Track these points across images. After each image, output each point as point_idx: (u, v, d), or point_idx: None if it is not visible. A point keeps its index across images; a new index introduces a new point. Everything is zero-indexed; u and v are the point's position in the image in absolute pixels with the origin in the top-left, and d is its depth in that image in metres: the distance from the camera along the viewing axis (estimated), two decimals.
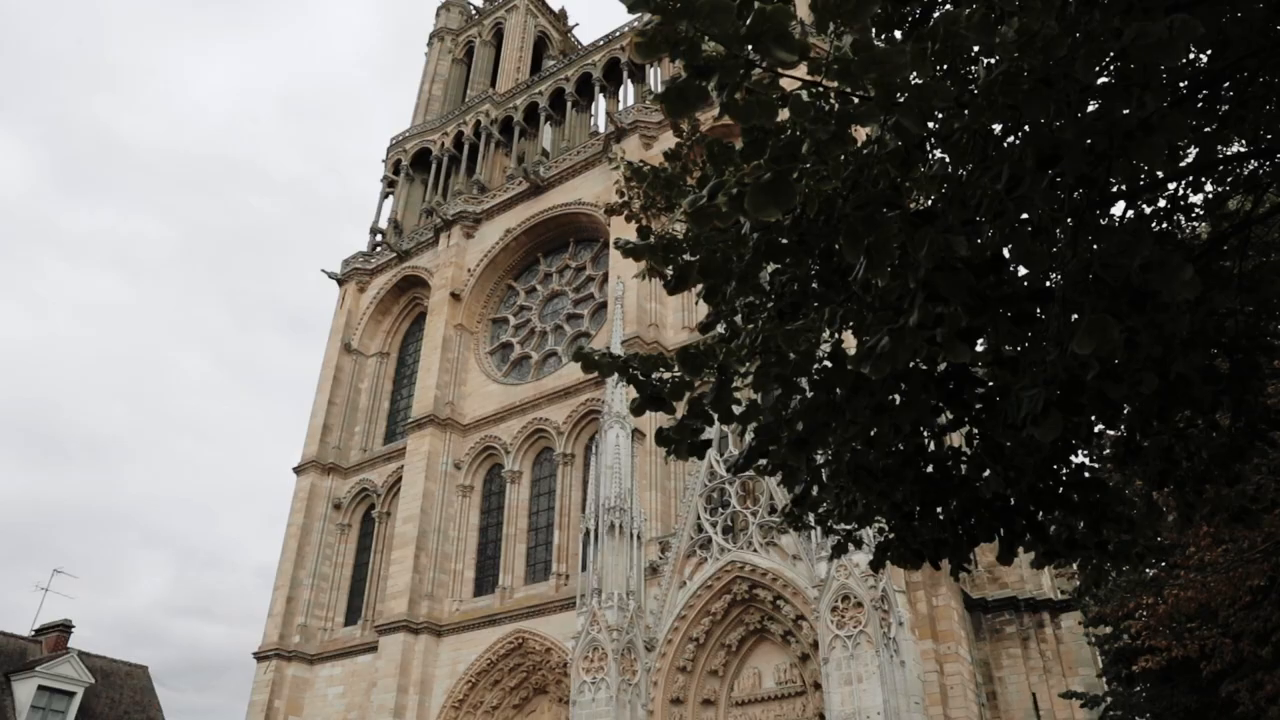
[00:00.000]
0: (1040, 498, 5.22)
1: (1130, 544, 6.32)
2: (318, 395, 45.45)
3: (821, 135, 2.91)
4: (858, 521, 4.96)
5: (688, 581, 27.79)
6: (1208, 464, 5.86)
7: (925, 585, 25.23)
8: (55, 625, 34.21)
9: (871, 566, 5.61)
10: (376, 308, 47.49)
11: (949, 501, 4.94)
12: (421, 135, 52.61)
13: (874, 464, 4.61)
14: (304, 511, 41.64)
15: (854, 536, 5.70)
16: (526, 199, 43.71)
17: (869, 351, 3.19)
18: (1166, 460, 5.65)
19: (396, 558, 36.74)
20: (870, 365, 3.16)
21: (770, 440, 4.25)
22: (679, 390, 4.23)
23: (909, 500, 4.67)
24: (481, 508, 38.40)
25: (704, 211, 3.21)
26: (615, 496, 28.78)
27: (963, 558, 5.07)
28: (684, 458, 4.66)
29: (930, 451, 4.86)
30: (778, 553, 26.56)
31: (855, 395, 3.87)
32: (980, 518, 4.99)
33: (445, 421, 39.26)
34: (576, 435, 36.34)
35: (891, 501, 4.59)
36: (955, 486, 4.93)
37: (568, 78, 48.34)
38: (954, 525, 4.86)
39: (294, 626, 39.25)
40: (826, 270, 4.28)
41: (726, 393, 4.09)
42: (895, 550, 5.11)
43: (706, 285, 4.31)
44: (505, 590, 34.95)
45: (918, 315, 3.03)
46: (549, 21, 59.63)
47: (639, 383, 4.25)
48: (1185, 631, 11.17)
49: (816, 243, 4.14)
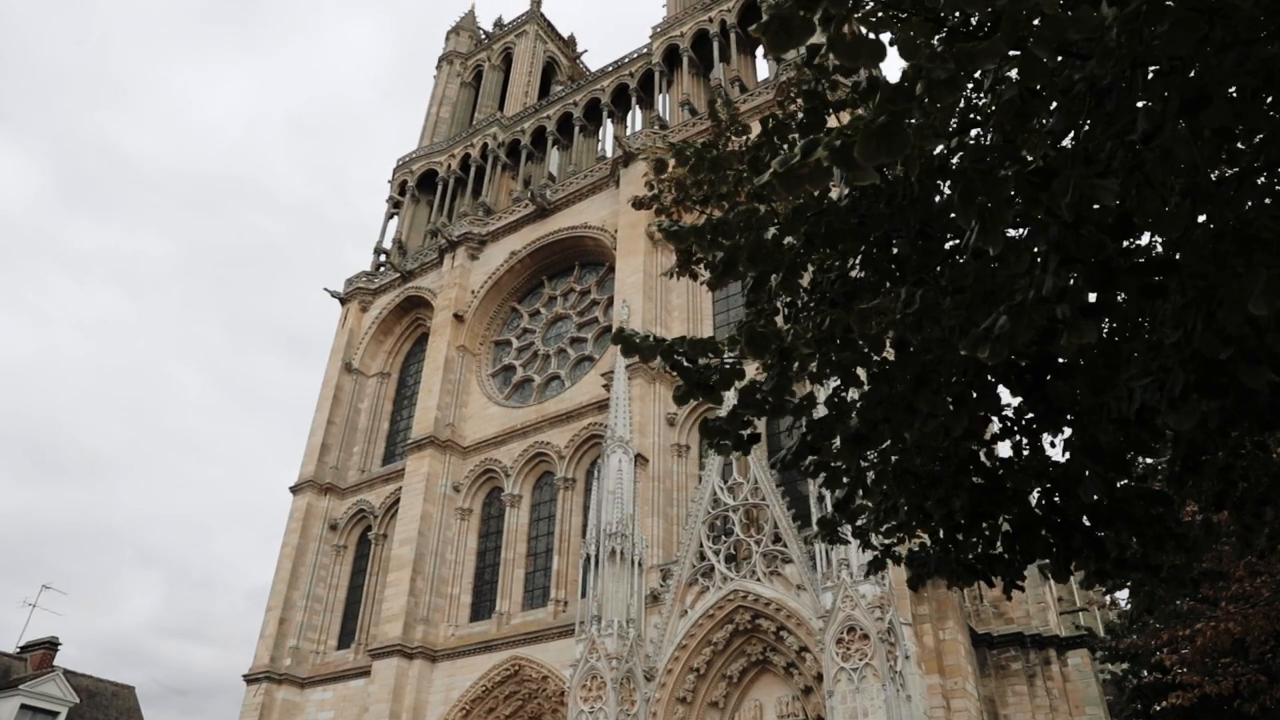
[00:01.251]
0: (1096, 513, 4.88)
1: (1184, 568, 5.96)
2: (317, 414, 45.06)
3: (939, 74, 2.59)
4: (901, 532, 4.60)
5: (689, 610, 27.25)
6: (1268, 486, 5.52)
7: (932, 618, 24.73)
8: (41, 642, 33.65)
9: (910, 585, 5.25)
10: (378, 328, 47.22)
11: (999, 514, 4.60)
12: (428, 157, 52.64)
13: (921, 469, 4.27)
14: (299, 532, 41.10)
15: (892, 551, 5.35)
16: (532, 222, 43.59)
17: (984, 334, 2.85)
18: (1224, 480, 5.31)
19: (392, 580, 36.17)
20: (989, 349, 2.82)
21: (824, 435, 3.91)
22: (729, 378, 3.88)
23: (959, 510, 4.32)
24: (480, 531, 37.89)
25: (795, 173, 2.88)
26: (617, 522, 28.32)
27: (1017, 574, 4.72)
28: (727, 454, 4.33)
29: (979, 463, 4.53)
30: (781, 582, 26.07)
31: (921, 388, 3.54)
32: (1032, 532, 4.65)
33: (445, 443, 38.84)
34: (578, 460, 35.92)
35: (943, 510, 4.24)
36: (1006, 499, 4.59)
37: (576, 102, 48.46)
38: (1008, 539, 4.51)
39: (286, 649, 38.59)
40: (882, 259, 3.97)
41: (787, 379, 3.74)
42: (941, 566, 4.75)
43: (755, 274, 4.00)
44: (502, 616, 34.37)
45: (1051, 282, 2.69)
46: (558, 48, 59.91)
47: (684, 369, 3.92)
48: (1219, 667, 10.74)
49: (874, 228, 3.84)
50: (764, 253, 3.90)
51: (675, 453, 32.18)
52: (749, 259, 3.88)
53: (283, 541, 41.53)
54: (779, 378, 3.76)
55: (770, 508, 27.15)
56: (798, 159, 2.87)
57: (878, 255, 3.93)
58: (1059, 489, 4.50)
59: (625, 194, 39.04)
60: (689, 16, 45.05)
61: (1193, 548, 5.43)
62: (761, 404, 3.93)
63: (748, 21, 42.47)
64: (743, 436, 4.13)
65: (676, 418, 32.65)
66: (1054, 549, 4.49)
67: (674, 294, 36.27)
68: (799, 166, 2.86)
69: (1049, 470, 4.63)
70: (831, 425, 3.92)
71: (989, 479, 4.42)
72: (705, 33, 43.69)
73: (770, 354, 3.72)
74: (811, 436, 4.04)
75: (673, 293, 36.31)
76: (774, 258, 3.91)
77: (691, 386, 3.94)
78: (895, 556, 5.33)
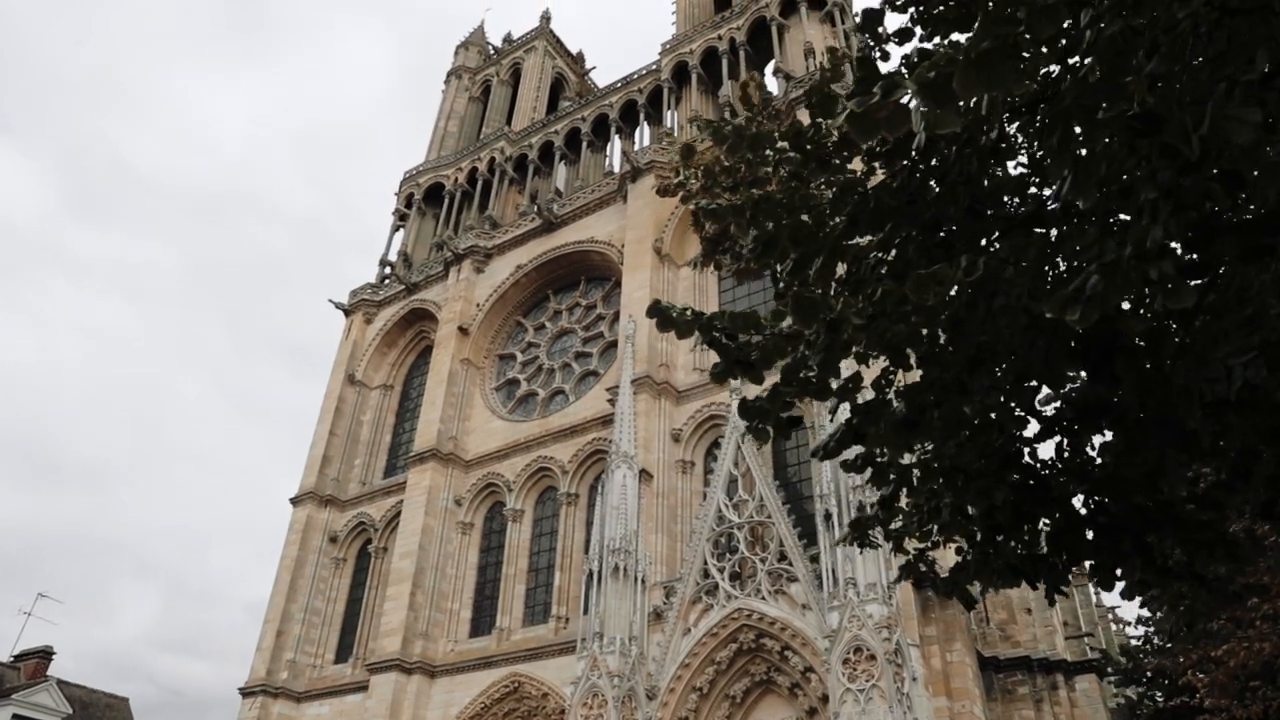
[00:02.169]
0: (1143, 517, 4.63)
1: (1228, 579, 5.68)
2: (319, 425, 44.80)
3: None
4: (942, 532, 4.35)
5: (692, 628, 26.89)
6: None
7: (939, 640, 24.38)
8: (35, 652, 33.29)
9: (946, 590, 5.00)
10: (382, 340, 47.03)
11: (1042, 515, 4.36)
12: (435, 170, 52.64)
13: (968, 465, 4.03)
14: (299, 544, 40.75)
15: (926, 557, 5.10)
16: (538, 235, 43.47)
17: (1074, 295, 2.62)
18: (1274, 489, 5.05)
19: (392, 594, 35.80)
20: (1080, 310, 2.59)
21: (871, 420, 3.66)
22: (770, 355, 3.63)
23: (1001, 507, 4.07)
24: (481, 546, 37.53)
25: (872, 115, 2.65)
26: (620, 538, 28.00)
27: (1061, 579, 4.47)
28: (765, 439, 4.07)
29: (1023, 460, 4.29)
30: (787, 601, 25.72)
31: (976, 369, 3.31)
32: (1077, 534, 4.40)
33: (448, 456, 38.55)
34: (581, 475, 35.62)
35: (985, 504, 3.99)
36: (1051, 499, 4.35)
37: (584, 118, 48.49)
38: (1052, 541, 4.27)
39: (283, 662, 38.15)
40: (929, 242, 3.75)
41: (835, 354, 3.49)
42: (982, 569, 4.49)
43: (796, 256, 3.77)
44: (503, 632, 33.97)
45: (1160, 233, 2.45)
46: (566, 64, 60.06)
47: (722, 346, 3.68)
48: (1247, 691, 10.40)
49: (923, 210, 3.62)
50: (806, 234, 3.68)
51: (680, 469, 31.91)
52: (791, 239, 3.66)
53: (282, 553, 41.17)
54: (826, 351, 3.51)
55: (776, 525, 26.83)
56: (877, 99, 2.64)
57: (924, 239, 3.71)
58: (1106, 489, 4.26)
59: (633, 209, 38.96)
60: (699, 34, 45.11)
61: (1241, 557, 5.17)
62: (806, 382, 3.69)
63: (758, 39, 42.51)
64: (783, 419, 3.89)
65: (681, 434, 32.41)
66: (1102, 552, 4.25)
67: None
68: (877, 108, 2.63)
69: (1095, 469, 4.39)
70: (878, 410, 3.69)
71: (1032, 478, 4.18)
72: (715, 50, 43.72)
73: (819, 324, 3.48)
74: (858, 421, 3.80)
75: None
76: (816, 239, 3.69)
77: (730, 364, 3.70)
78: (930, 563, 5.09)
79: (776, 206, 3.62)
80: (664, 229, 37.47)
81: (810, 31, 39.21)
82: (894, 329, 3.29)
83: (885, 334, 3.33)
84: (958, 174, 3.21)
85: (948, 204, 3.33)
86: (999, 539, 4.30)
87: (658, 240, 37.18)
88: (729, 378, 3.80)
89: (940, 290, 3.01)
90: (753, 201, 3.71)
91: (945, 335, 3.35)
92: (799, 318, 3.52)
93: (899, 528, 4.72)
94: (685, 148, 5.35)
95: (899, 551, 5.07)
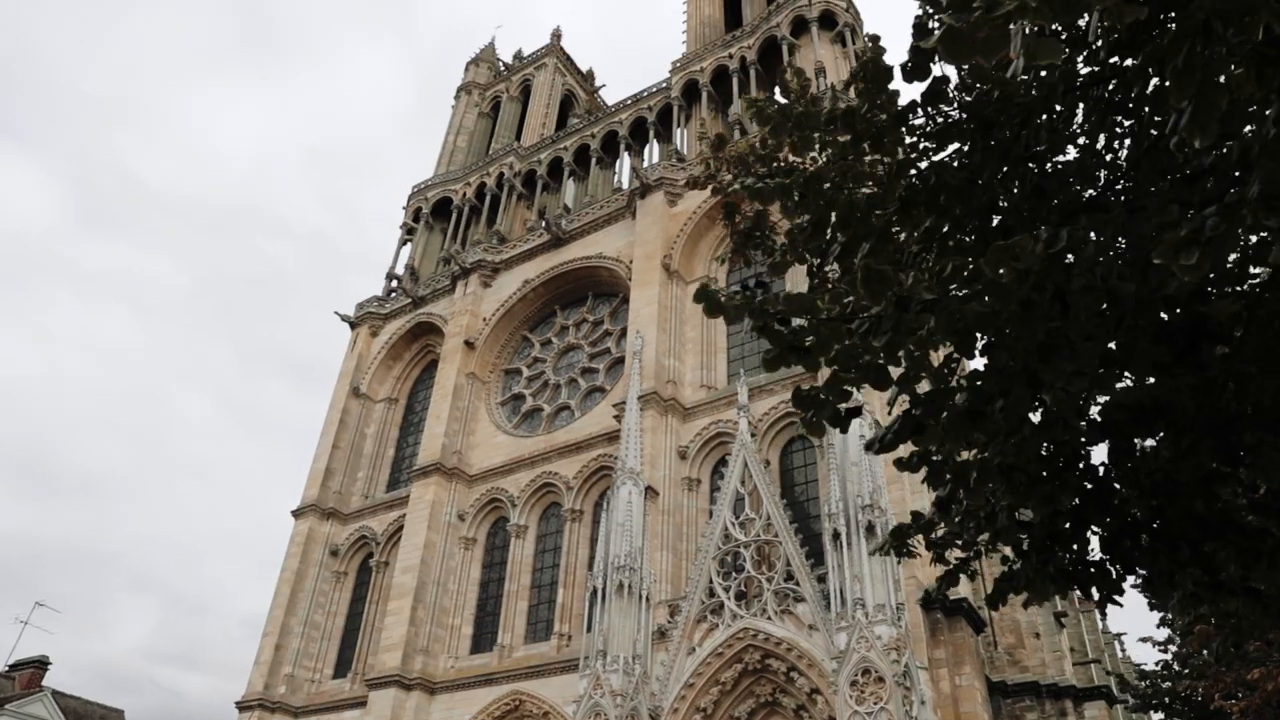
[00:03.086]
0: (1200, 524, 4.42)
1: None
2: (322, 438, 44.58)
3: None
4: (997, 538, 4.13)
5: (697, 648, 26.52)
6: None
7: (949, 663, 24.04)
8: (30, 661, 32.96)
9: (989, 602, 4.79)
10: (388, 353, 46.89)
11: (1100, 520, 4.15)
12: (444, 184, 52.66)
13: (1029, 465, 3.82)
14: (300, 556, 40.45)
15: (967, 566, 4.88)
16: (546, 251, 43.39)
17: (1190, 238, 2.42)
18: None
19: (393, 609, 35.46)
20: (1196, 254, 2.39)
21: (932, 411, 3.45)
22: (827, 340, 3.42)
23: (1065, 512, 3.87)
24: (484, 562, 37.21)
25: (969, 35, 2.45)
26: (625, 555, 27.67)
27: (1115, 586, 4.25)
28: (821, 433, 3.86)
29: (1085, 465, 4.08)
30: (793, 621, 25.37)
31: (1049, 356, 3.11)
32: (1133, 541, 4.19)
33: (451, 471, 38.29)
34: (586, 491, 35.36)
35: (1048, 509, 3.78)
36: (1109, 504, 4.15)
37: (593, 134, 48.55)
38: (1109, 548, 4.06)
39: (280, 676, 37.78)
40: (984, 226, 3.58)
41: (903, 334, 3.28)
42: (1033, 578, 4.27)
43: (845, 238, 3.59)
44: (504, 649, 33.60)
45: None
46: (576, 81, 60.24)
47: (773, 332, 3.47)
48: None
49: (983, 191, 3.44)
50: (857, 215, 3.50)
51: (686, 486, 31.65)
52: (840, 221, 3.48)
53: (282, 566, 40.86)
54: (893, 331, 3.30)
55: (783, 544, 26.52)
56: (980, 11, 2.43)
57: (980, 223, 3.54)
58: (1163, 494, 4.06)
59: (642, 225, 38.89)
60: (709, 53, 45.19)
61: None
62: (867, 368, 3.49)
63: (768, 59, 42.57)
64: (840, 411, 3.69)
65: (688, 451, 32.18)
66: (1159, 559, 4.03)
67: (688, 326, 35.93)
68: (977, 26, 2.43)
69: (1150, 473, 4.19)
70: (940, 400, 3.49)
71: (1091, 480, 3.98)
72: (725, 69, 43.78)
73: (886, 302, 3.28)
74: (920, 412, 3.60)
75: (687, 325, 35.97)
76: (867, 222, 3.51)
77: (784, 350, 3.50)
78: (970, 574, 4.87)
79: (828, 183, 3.44)
80: (673, 245, 37.38)
81: (821, 51, 39.23)
82: (964, 308, 3.10)
83: (954, 315, 3.13)
84: (1025, 148, 3.04)
85: (1011, 181, 3.16)
86: (1050, 545, 4.09)
87: (666, 256, 37.07)
88: (782, 365, 3.60)
89: (1017, 266, 2.82)
90: (804, 178, 3.53)
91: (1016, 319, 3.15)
92: (868, 291, 3.31)
93: (942, 536, 4.50)
94: (717, 138, 5.18)
95: (939, 562, 4.86)
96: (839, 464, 25.37)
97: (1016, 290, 2.91)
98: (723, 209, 4.90)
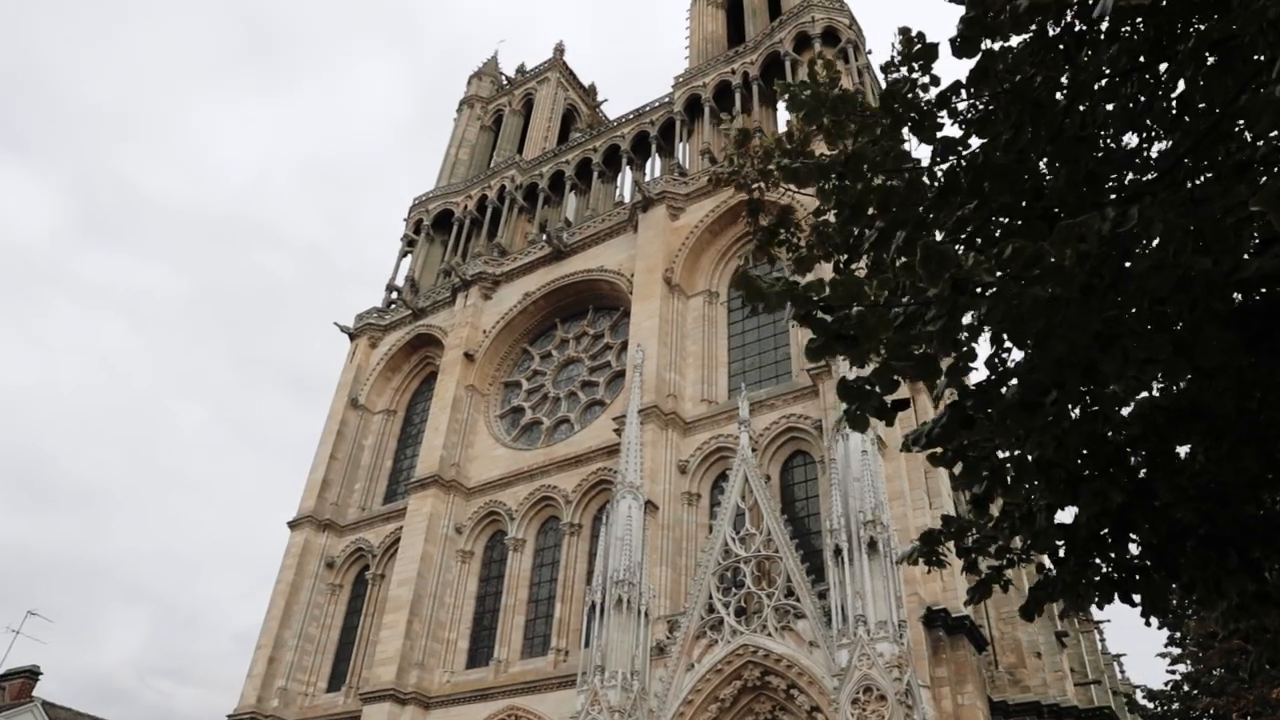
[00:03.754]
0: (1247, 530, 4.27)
1: None
2: (319, 449, 44.32)
3: None
4: (1035, 542, 3.97)
5: (696, 664, 26.25)
6: None
7: (951, 682, 23.80)
8: (21, 671, 32.57)
9: (1022, 614, 4.62)
10: (387, 364, 46.71)
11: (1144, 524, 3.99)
12: (445, 197, 52.64)
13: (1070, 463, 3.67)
14: (295, 568, 40.12)
15: (1001, 576, 4.72)
16: (547, 264, 43.31)
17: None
18: None
19: (388, 622, 35.13)
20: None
21: (983, 404, 3.30)
22: (874, 328, 3.25)
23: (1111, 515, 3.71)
24: (481, 575, 36.91)
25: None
26: (625, 569, 27.42)
27: (1161, 597, 4.09)
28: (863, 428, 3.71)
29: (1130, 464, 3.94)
30: (793, 638, 25.13)
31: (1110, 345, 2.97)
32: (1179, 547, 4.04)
33: (449, 483, 38.05)
34: (585, 505, 35.12)
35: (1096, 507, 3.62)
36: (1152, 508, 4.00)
37: (595, 148, 48.55)
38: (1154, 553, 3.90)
39: (274, 689, 37.40)
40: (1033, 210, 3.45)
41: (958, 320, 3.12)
42: (1072, 585, 4.11)
43: (884, 224, 3.46)
44: (500, 663, 33.27)
45: None
46: (579, 95, 60.34)
47: (816, 321, 3.32)
48: None
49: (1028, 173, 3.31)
50: (897, 199, 3.37)
51: (686, 501, 31.45)
52: (880, 205, 3.35)
53: (277, 578, 40.52)
54: (949, 316, 3.14)
55: (783, 560, 26.30)
56: None
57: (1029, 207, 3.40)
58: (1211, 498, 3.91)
59: (644, 238, 38.85)
60: (712, 68, 45.27)
61: None
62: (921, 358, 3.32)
63: (771, 74, 42.64)
64: (887, 403, 3.53)
65: (688, 465, 32.00)
66: (1209, 566, 3.87)
67: (689, 340, 35.83)
68: None
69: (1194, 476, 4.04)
70: (992, 391, 3.34)
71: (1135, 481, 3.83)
72: (728, 84, 43.83)
73: (943, 284, 3.13)
74: (971, 403, 3.44)
75: (688, 339, 35.87)
76: (907, 206, 3.37)
77: (829, 339, 3.34)
78: (1005, 584, 4.71)
79: (869, 164, 3.31)
80: (674, 259, 37.31)
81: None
82: (1025, 293, 2.95)
83: (1013, 301, 2.98)
84: (1079, 126, 2.91)
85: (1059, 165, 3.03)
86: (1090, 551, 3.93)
87: (668, 270, 36.99)
88: (826, 355, 3.44)
89: (1081, 247, 2.68)
90: (843, 158, 3.40)
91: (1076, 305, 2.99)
92: (927, 271, 3.15)
93: (975, 542, 4.33)
94: (741, 133, 5.05)
95: (971, 571, 4.69)
96: (841, 479, 25.20)
97: (1078, 274, 2.78)
98: (746, 206, 4.76)
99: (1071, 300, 2.85)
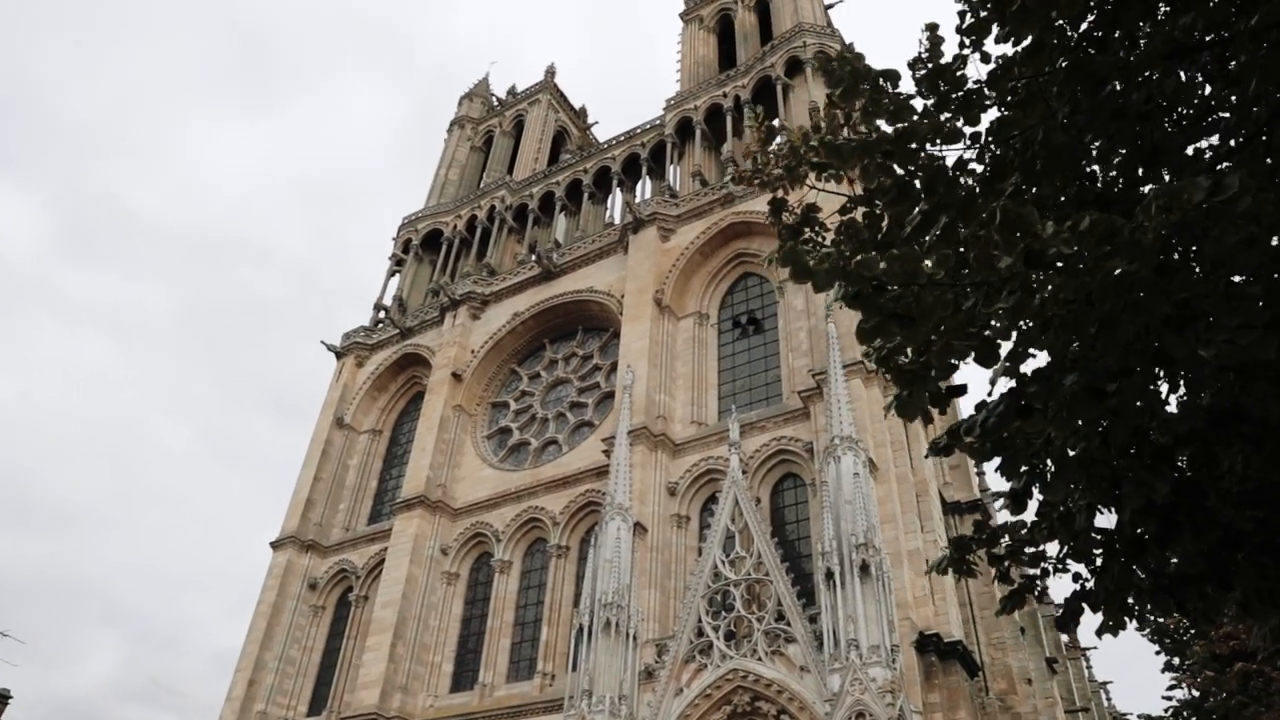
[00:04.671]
0: None
1: None
2: (304, 469, 43.77)
3: None
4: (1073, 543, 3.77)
5: (685, 689, 25.88)
6: None
7: (943, 708, 23.53)
8: None
9: (1058, 625, 4.44)
10: (373, 384, 46.29)
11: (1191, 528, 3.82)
12: (434, 216, 52.48)
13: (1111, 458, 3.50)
14: (277, 589, 39.46)
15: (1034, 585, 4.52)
16: (537, 284, 43.14)
17: None
18: None
19: (372, 645, 34.55)
20: None
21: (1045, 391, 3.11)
22: (931, 307, 3.06)
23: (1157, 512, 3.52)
24: (466, 597, 36.39)
25: None
26: (613, 592, 27.07)
27: (1211, 604, 3.89)
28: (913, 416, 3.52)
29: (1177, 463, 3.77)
30: (784, 662, 24.82)
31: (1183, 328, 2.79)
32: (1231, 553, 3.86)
33: (435, 504, 37.59)
34: (573, 527, 34.74)
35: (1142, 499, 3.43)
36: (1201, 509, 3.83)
37: (586, 169, 48.57)
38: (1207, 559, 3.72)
39: (253, 713, 36.65)
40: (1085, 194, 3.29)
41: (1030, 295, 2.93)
42: (1115, 593, 3.91)
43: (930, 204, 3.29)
44: (485, 688, 32.72)
45: None
46: (569, 118, 60.49)
47: (868, 299, 3.13)
48: None
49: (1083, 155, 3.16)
50: (944, 181, 3.21)
51: (675, 523, 31.14)
52: (927, 187, 3.19)
53: (258, 599, 39.84)
54: (1022, 291, 2.95)
55: (774, 583, 26.04)
56: None
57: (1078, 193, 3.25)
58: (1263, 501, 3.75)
59: (634, 259, 38.78)
60: (703, 91, 45.43)
61: None
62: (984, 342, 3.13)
63: (762, 98, 42.76)
64: (941, 389, 3.35)
65: (677, 487, 31.73)
66: (1266, 573, 3.68)
67: (679, 362, 35.69)
68: None
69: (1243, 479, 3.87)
70: (1053, 378, 3.15)
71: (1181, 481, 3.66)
72: (719, 107, 43.95)
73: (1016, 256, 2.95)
74: (1035, 389, 3.25)
75: (678, 360, 35.73)
76: (954, 189, 3.21)
77: (883, 319, 3.15)
78: (1039, 595, 4.52)
79: (918, 141, 3.15)
80: (665, 280, 37.22)
81: (815, 92, 39.42)
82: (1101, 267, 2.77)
83: (1086, 277, 2.81)
84: (1147, 102, 2.77)
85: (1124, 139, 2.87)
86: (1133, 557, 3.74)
87: (659, 291, 36.89)
88: (878, 336, 3.27)
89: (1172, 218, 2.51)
90: (893, 135, 3.24)
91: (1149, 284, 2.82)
92: (1003, 238, 2.97)
93: (1008, 548, 4.14)
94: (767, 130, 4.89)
95: (1003, 581, 4.50)
96: (832, 501, 24.99)
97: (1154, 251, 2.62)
98: (770, 205, 4.59)
99: (1143, 279, 2.70)
